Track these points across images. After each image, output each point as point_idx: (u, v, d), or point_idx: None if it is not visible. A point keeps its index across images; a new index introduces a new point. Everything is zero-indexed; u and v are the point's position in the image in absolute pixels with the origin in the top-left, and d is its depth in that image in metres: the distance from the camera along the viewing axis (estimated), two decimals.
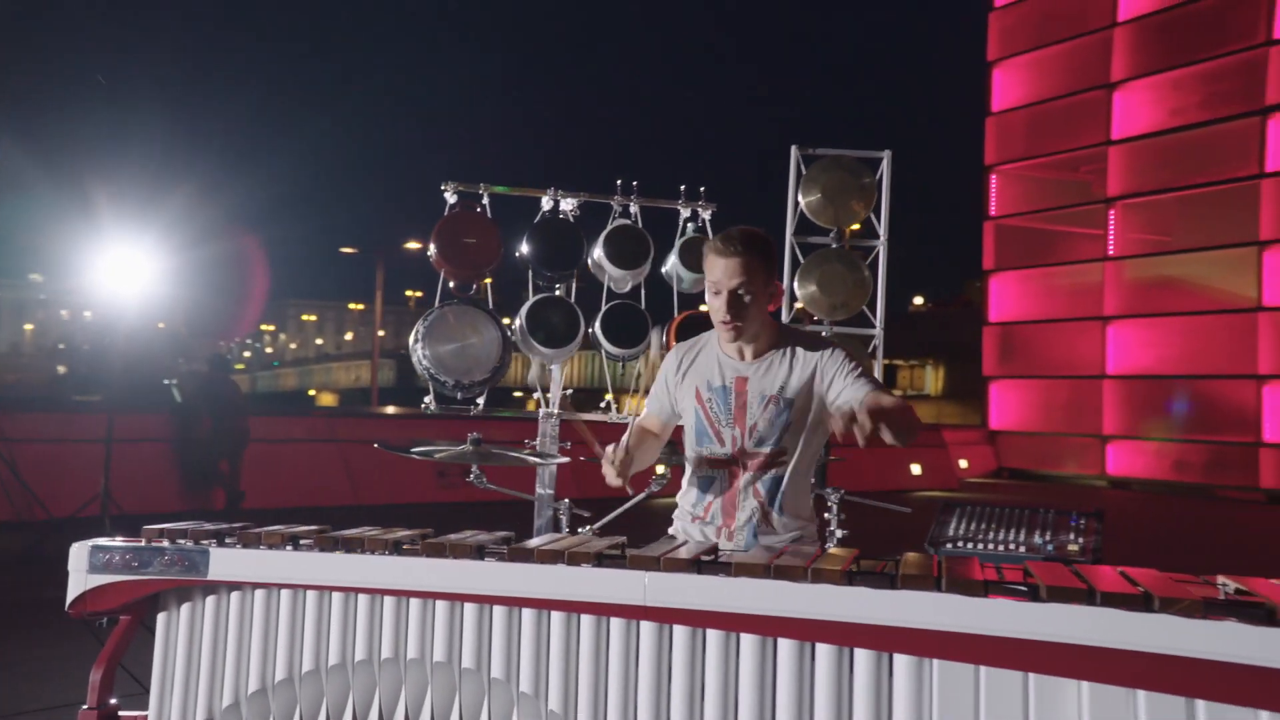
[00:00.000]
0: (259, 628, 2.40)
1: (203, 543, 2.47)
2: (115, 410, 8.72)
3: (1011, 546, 4.30)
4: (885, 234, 5.24)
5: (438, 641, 2.28)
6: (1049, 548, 4.25)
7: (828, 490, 4.61)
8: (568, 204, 4.60)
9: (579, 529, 3.78)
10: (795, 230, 5.30)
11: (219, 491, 10.01)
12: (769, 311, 2.68)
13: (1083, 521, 4.36)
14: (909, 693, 1.95)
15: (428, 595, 2.29)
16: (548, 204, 4.60)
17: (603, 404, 4.73)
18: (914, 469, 15.54)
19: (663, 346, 4.53)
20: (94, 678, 2.48)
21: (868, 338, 5.28)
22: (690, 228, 4.78)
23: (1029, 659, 1.88)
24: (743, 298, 2.58)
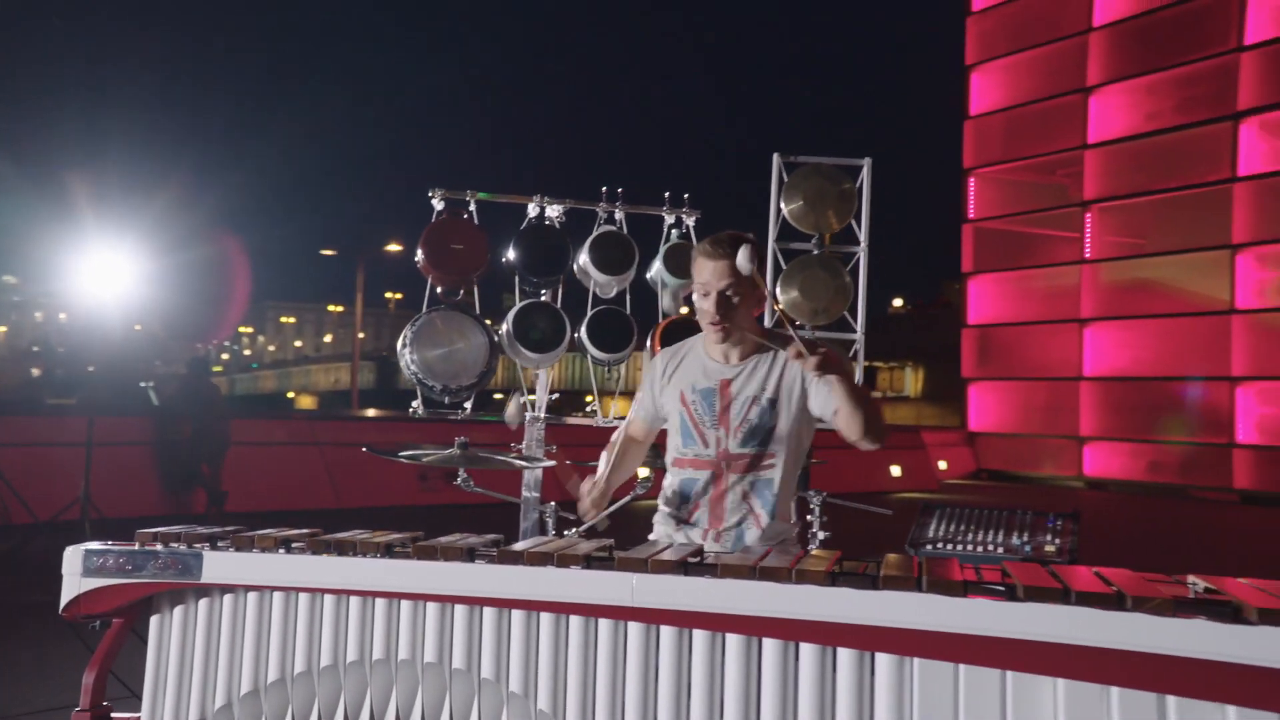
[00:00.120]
0: (251, 630, 2.43)
1: (196, 546, 2.49)
2: (94, 413, 8.66)
3: (990, 547, 4.39)
4: (866, 240, 5.31)
5: (428, 642, 2.31)
6: (1026, 549, 4.34)
7: (810, 493, 4.67)
8: (553, 210, 4.65)
9: (564, 532, 3.81)
10: (777, 236, 5.36)
11: (200, 494, 9.96)
12: (754, 316, 2.73)
13: (1059, 523, 4.45)
14: (890, 691, 2.00)
15: (419, 597, 2.32)
16: (534, 210, 4.65)
17: (589, 408, 4.77)
18: (894, 471, 15.65)
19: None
20: (87, 680, 2.50)
21: (849, 342, 5.34)
22: (674, 234, 4.84)
23: (1007, 657, 1.93)
24: (731, 299, 2.63)
